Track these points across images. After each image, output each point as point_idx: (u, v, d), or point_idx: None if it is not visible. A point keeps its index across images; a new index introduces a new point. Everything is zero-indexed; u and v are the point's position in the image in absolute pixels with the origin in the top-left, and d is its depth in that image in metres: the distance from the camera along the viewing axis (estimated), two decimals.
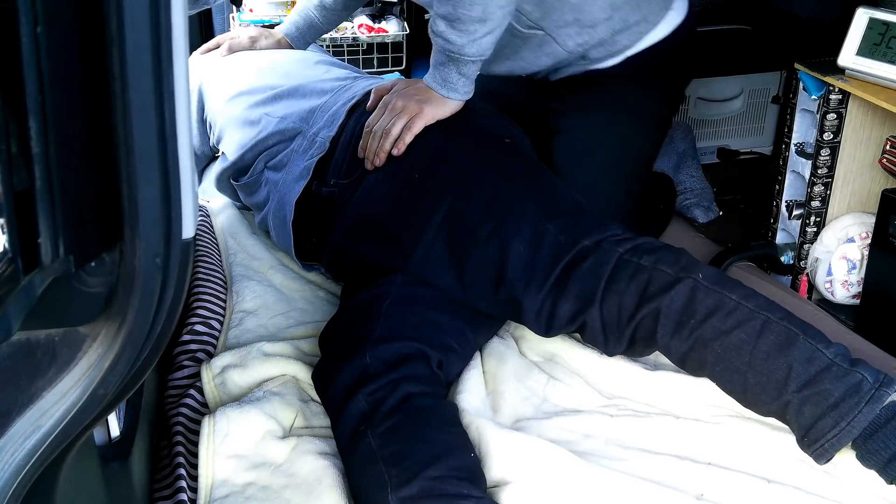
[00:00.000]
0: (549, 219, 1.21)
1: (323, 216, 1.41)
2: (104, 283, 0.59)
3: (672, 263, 1.12)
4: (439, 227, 1.26)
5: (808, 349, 1.04)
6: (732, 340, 1.06)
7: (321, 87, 1.54)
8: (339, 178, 1.39)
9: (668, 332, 1.10)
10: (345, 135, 1.41)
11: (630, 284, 1.12)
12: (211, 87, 1.69)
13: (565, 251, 1.17)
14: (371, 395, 1.11)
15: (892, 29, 1.37)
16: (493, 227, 1.22)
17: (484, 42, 1.28)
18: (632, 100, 1.52)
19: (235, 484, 1.07)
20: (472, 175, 1.28)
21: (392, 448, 1.04)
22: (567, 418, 1.20)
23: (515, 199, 1.24)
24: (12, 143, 0.52)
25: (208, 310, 1.40)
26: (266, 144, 1.51)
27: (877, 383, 1.01)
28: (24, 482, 0.59)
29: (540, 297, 1.17)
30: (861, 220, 1.55)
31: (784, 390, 1.03)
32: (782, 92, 2.17)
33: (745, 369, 1.06)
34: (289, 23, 1.83)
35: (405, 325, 1.23)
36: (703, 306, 1.08)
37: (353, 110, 1.44)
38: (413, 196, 1.30)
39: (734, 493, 1.07)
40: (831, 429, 1.01)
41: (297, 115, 1.49)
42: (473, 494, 1.00)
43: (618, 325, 1.14)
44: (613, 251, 1.15)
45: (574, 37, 1.44)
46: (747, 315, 1.06)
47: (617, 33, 1.45)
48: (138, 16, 0.53)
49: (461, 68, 1.32)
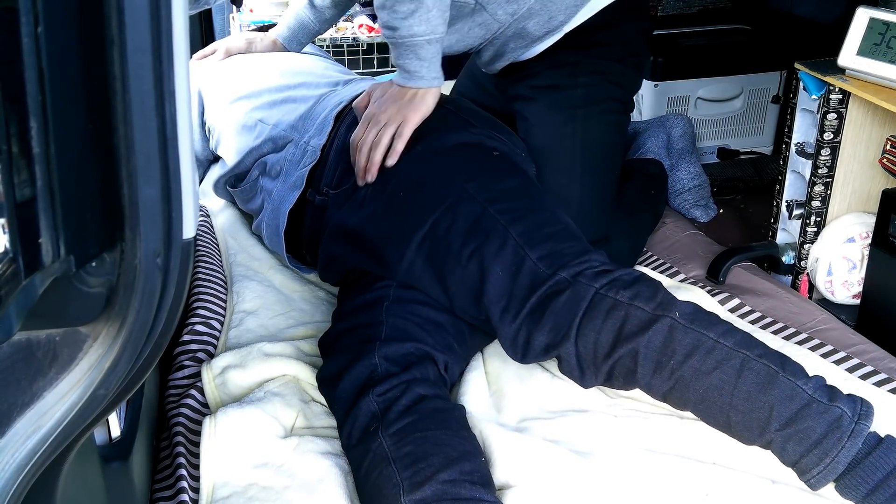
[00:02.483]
0: (531, 245, 1.20)
1: (315, 224, 1.41)
2: (105, 284, 0.59)
3: (649, 300, 1.12)
4: (419, 245, 1.25)
5: (789, 387, 1.05)
6: (713, 381, 1.06)
7: (312, 92, 1.54)
8: (330, 187, 1.39)
9: (648, 373, 1.10)
10: (337, 142, 1.41)
11: (606, 321, 1.11)
12: (209, 91, 1.70)
13: (542, 282, 1.16)
14: (382, 395, 1.11)
15: (893, 29, 1.37)
16: (474, 247, 1.21)
17: (430, 18, 1.28)
18: (581, 91, 1.50)
19: (237, 484, 1.07)
20: (459, 193, 1.26)
21: (405, 449, 1.04)
22: (571, 418, 1.20)
23: (499, 221, 1.22)
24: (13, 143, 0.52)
25: (209, 310, 1.40)
26: (261, 152, 1.51)
27: (856, 416, 1.03)
28: (24, 482, 0.59)
29: (515, 326, 1.17)
30: (861, 219, 1.55)
31: (766, 429, 1.05)
32: (782, 92, 2.18)
33: (727, 409, 1.07)
34: (282, 25, 1.83)
35: (410, 326, 1.23)
36: (682, 346, 1.08)
37: (341, 116, 1.44)
38: (397, 213, 1.29)
39: (739, 493, 1.07)
40: (815, 465, 1.03)
41: (288, 123, 1.50)
42: (487, 499, 1.00)
43: (594, 360, 1.13)
44: (590, 287, 1.14)
45: (504, 5, 1.43)
46: (726, 354, 1.07)
47: (548, 3, 1.44)
48: (139, 16, 0.53)
49: (418, 52, 1.31)
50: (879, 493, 1.01)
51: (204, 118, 1.72)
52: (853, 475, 1.02)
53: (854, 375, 1.28)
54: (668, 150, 1.93)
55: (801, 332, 1.39)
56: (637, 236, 1.69)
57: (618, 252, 1.56)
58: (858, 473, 1.02)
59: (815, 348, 1.35)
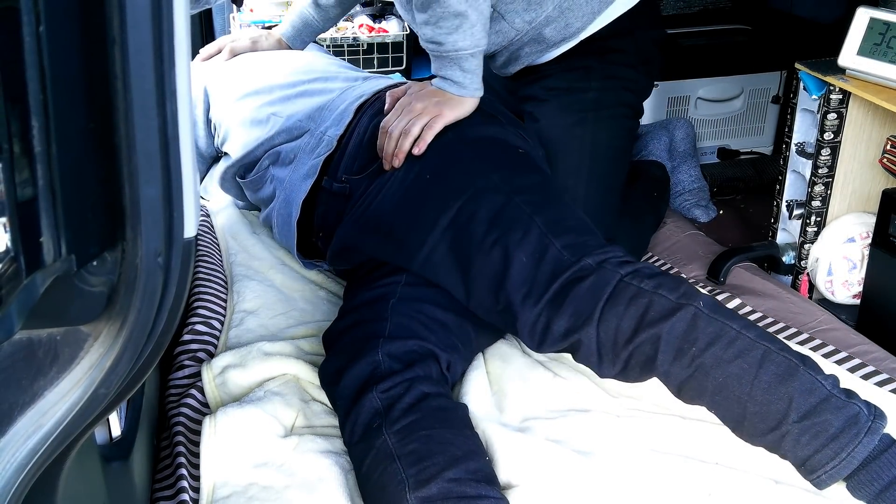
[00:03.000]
0: (555, 234, 1.20)
1: (331, 211, 1.41)
2: (106, 283, 0.59)
3: (673, 290, 1.12)
4: (444, 230, 1.25)
5: (809, 380, 1.04)
6: (734, 370, 1.06)
7: (329, 86, 1.54)
8: (351, 174, 1.39)
9: (668, 359, 1.09)
10: (357, 133, 1.41)
11: (629, 307, 1.11)
12: (217, 89, 1.70)
13: (567, 268, 1.16)
14: (386, 392, 1.11)
15: (893, 29, 1.37)
16: (497, 235, 1.21)
17: (475, 32, 1.29)
18: (593, 95, 1.51)
19: (237, 484, 1.07)
20: (484, 183, 1.27)
21: (410, 447, 1.04)
22: (574, 418, 1.20)
23: (524, 210, 1.23)
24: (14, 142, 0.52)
25: (209, 309, 1.40)
26: (273, 143, 1.51)
27: (871, 415, 1.03)
28: (25, 482, 0.59)
29: (536, 311, 1.16)
30: (861, 219, 1.55)
31: (784, 421, 1.04)
32: (782, 92, 2.18)
33: (745, 399, 1.06)
34: (286, 23, 1.83)
35: (414, 324, 1.23)
36: (705, 335, 1.08)
37: (361, 109, 1.44)
38: (421, 197, 1.29)
39: (742, 493, 1.07)
40: (830, 460, 1.02)
41: (305, 113, 1.49)
42: (492, 495, 1.00)
43: (613, 346, 1.13)
44: (615, 273, 1.14)
45: (521, 13, 1.44)
46: (748, 345, 1.07)
47: (566, 11, 1.45)
48: (140, 15, 0.53)
49: (462, 64, 1.32)
50: (891, 492, 1.01)
51: (210, 115, 1.72)
52: (865, 472, 1.02)
53: (856, 376, 1.28)
54: (671, 152, 1.94)
55: (803, 333, 1.39)
56: (640, 238, 1.70)
57: None
58: (871, 471, 1.01)
59: (817, 348, 1.35)
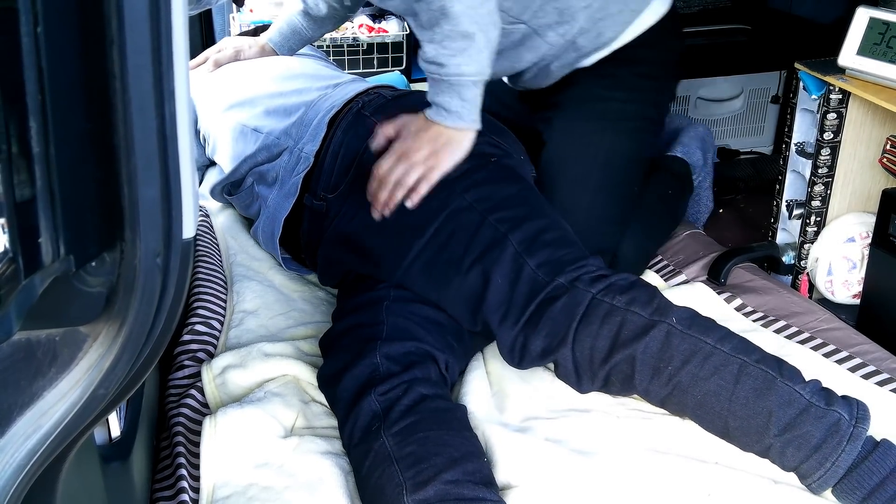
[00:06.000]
0: (529, 253, 1.20)
1: (314, 228, 1.41)
2: (105, 283, 0.59)
3: (645, 304, 1.12)
4: (419, 253, 1.26)
5: (787, 392, 1.05)
6: (710, 387, 1.07)
7: (303, 98, 1.52)
8: (327, 191, 1.39)
9: (645, 378, 1.11)
10: (332, 148, 1.40)
11: (602, 327, 1.12)
12: (202, 100, 1.70)
13: (541, 288, 1.17)
14: (384, 394, 1.12)
15: (893, 28, 1.37)
16: (475, 257, 1.22)
17: (481, 59, 1.20)
18: (617, 105, 1.50)
19: (237, 484, 1.07)
20: (458, 203, 1.26)
21: (408, 449, 1.04)
22: (574, 418, 1.20)
23: (498, 230, 1.23)
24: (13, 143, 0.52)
25: (209, 310, 1.40)
26: (256, 161, 1.51)
27: (853, 420, 1.03)
28: (24, 482, 0.59)
29: (514, 333, 1.18)
30: (861, 219, 1.55)
31: (765, 434, 1.05)
32: (782, 92, 2.18)
33: (725, 414, 1.07)
34: (273, 29, 1.82)
35: (411, 325, 1.24)
36: (679, 352, 1.09)
37: (334, 122, 1.43)
38: (396, 221, 1.27)
39: (741, 493, 1.07)
40: (817, 469, 1.03)
41: (282, 130, 1.49)
42: (490, 498, 1.00)
43: (590, 366, 1.14)
44: (586, 292, 1.15)
45: (555, 27, 1.43)
46: (724, 360, 1.07)
47: (598, 21, 1.44)
48: (138, 16, 0.53)
49: (462, 92, 1.21)
50: (876, 497, 1.01)
51: (198, 126, 1.72)
52: (850, 479, 1.02)
53: (856, 375, 1.28)
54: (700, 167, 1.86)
55: (804, 332, 1.39)
56: (648, 242, 1.65)
57: (626, 256, 1.55)
58: (855, 477, 1.02)
59: (818, 348, 1.35)
